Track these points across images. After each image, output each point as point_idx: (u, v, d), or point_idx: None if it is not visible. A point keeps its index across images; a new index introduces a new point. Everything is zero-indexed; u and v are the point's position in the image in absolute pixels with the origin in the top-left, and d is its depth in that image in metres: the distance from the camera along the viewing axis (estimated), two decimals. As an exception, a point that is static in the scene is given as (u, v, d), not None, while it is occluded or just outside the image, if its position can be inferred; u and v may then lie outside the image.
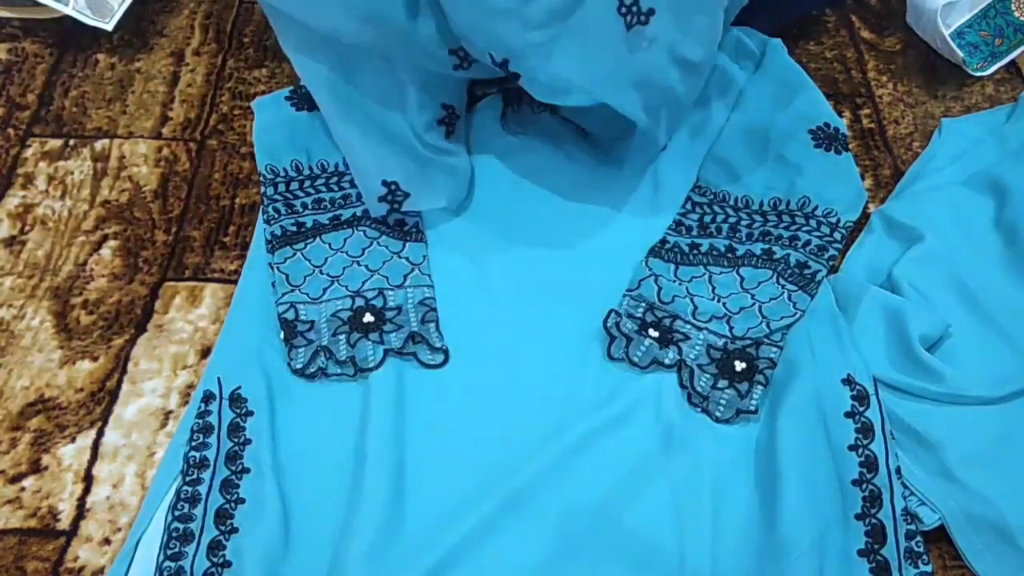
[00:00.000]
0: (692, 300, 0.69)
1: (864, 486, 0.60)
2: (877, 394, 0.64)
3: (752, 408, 0.64)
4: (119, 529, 0.61)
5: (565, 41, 0.63)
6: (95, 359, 0.69)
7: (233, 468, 0.61)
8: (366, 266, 0.71)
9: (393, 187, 0.72)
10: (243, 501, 0.60)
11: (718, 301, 0.69)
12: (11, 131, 0.84)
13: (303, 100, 0.81)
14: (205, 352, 0.69)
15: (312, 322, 0.68)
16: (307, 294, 0.69)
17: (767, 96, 0.81)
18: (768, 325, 0.67)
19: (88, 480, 0.63)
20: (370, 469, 0.60)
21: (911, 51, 0.92)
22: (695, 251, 0.73)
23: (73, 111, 0.86)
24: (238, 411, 0.64)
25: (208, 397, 0.64)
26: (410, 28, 0.66)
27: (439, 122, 0.75)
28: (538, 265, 0.73)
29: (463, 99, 0.78)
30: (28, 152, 0.82)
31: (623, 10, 0.63)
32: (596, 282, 0.71)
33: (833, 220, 0.73)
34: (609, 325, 0.67)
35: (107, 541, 0.61)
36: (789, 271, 0.70)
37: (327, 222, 0.74)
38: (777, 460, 0.61)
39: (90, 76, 0.89)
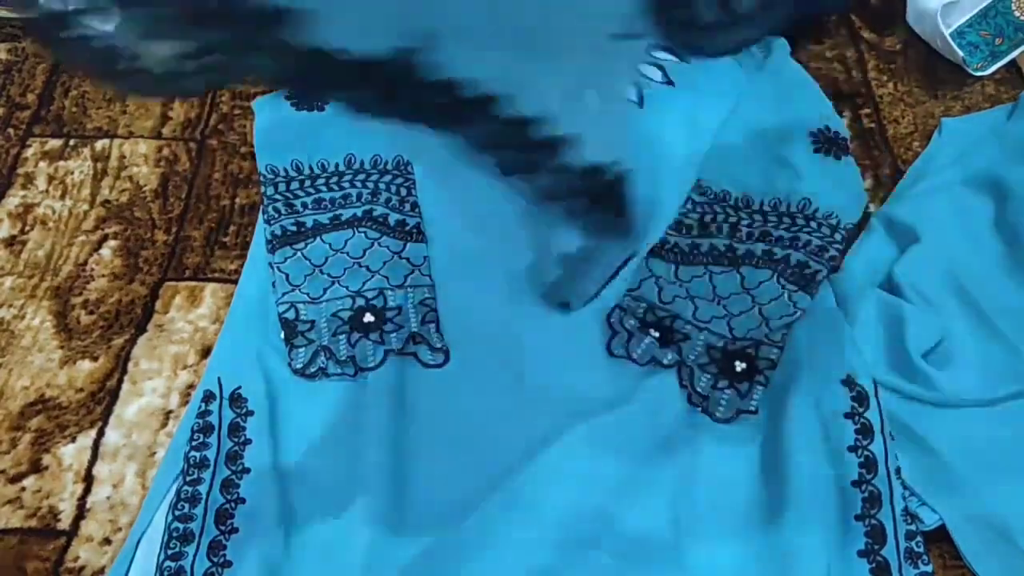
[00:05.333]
0: (692, 301, 0.69)
1: (864, 487, 0.60)
2: (877, 395, 0.63)
3: (752, 408, 0.64)
4: (119, 529, 0.61)
5: None
6: (95, 359, 0.69)
7: (233, 468, 0.61)
8: (367, 267, 0.71)
9: None
10: (243, 501, 0.60)
11: (718, 303, 0.69)
12: (11, 131, 0.84)
13: (303, 100, 0.81)
14: (205, 352, 0.69)
15: (312, 322, 0.68)
16: (307, 294, 0.69)
17: (768, 96, 0.81)
18: (768, 325, 0.67)
19: (88, 480, 0.63)
20: (370, 469, 0.61)
21: (911, 51, 0.92)
22: (695, 251, 0.72)
23: (73, 111, 0.86)
24: (238, 411, 0.64)
25: (208, 397, 0.64)
26: None
27: None
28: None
29: None
30: (28, 152, 0.82)
31: None
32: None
33: (833, 222, 0.73)
34: (613, 320, 0.67)
35: (107, 541, 0.61)
36: (789, 271, 0.70)
37: (327, 222, 0.74)
38: (777, 460, 0.61)
39: (90, 76, 0.89)
